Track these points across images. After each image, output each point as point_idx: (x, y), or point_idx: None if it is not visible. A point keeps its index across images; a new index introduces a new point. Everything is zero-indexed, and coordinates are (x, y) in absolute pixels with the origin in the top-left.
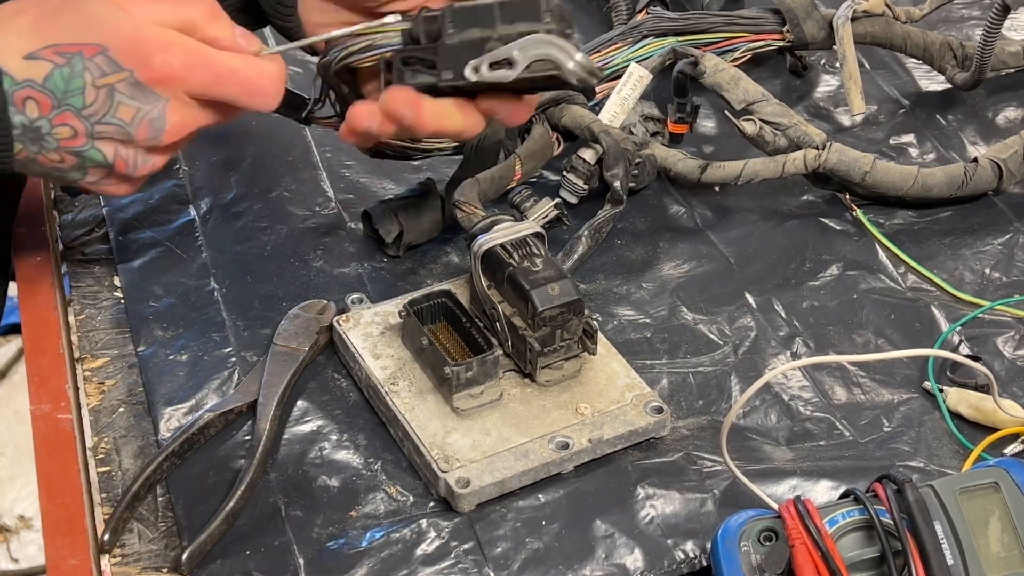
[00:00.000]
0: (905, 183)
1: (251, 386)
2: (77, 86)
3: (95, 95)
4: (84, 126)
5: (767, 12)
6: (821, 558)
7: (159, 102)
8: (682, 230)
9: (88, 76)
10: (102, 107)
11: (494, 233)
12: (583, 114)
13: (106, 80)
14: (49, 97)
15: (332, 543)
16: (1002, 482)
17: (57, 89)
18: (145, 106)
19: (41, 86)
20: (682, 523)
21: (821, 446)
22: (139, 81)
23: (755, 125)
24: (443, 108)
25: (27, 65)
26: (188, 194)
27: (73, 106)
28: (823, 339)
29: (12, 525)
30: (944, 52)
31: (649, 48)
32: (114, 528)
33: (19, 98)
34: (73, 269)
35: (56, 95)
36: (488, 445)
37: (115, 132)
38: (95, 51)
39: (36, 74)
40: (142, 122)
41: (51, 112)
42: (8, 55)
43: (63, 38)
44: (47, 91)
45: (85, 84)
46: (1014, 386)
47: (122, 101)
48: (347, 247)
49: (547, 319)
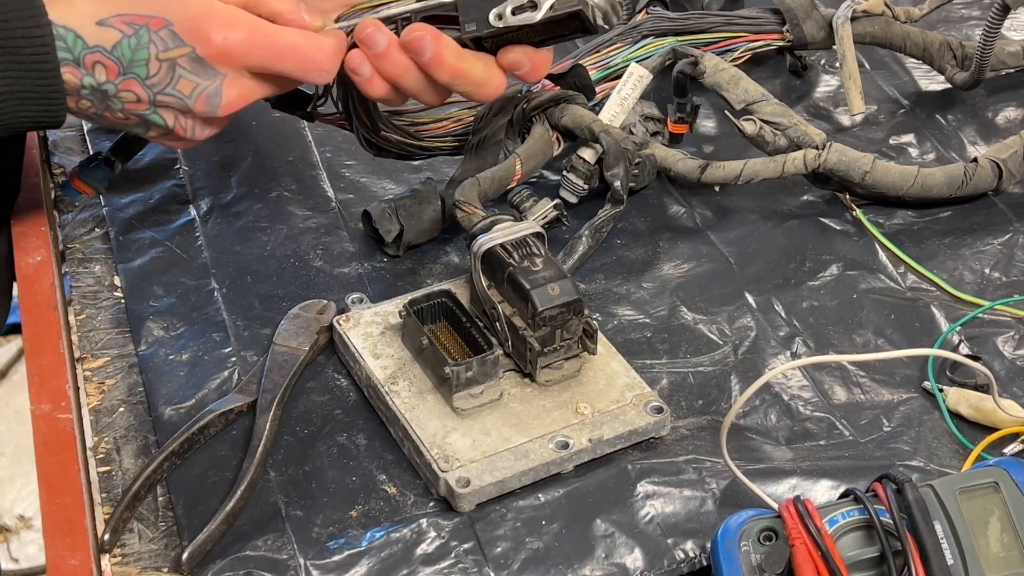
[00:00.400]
0: (905, 183)
1: (251, 386)
2: (142, 57)
3: (158, 67)
4: (147, 94)
5: (767, 12)
6: (821, 558)
7: (217, 77)
8: (682, 230)
9: (153, 49)
10: (164, 79)
11: (494, 233)
12: (583, 114)
13: (169, 54)
14: (116, 64)
15: (332, 543)
16: (1002, 482)
17: (124, 58)
18: (204, 81)
19: (109, 53)
20: (682, 523)
21: (821, 446)
22: (200, 57)
23: (755, 125)
24: (464, 52)
25: (98, 31)
26: (188, 194)
27: (137, 75)
28: (823, 339)
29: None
30: (944, 52)
31: (649, 48)
32: (114, 528)
33: (89, 61)
34: (73, 269)
35: (122, 63)
36: (488, 445)
37: (175, 103)
38: (160, 24)
39: (105, 40)
40: (200, 96)
41: (117, 78)
42: (81, 18)
43: (132, 7)
44: (114, 58)
45: (149, 56)
46: (1014, 386)
47: (183, 75)
48: (347, 247)
49: (547, 319)
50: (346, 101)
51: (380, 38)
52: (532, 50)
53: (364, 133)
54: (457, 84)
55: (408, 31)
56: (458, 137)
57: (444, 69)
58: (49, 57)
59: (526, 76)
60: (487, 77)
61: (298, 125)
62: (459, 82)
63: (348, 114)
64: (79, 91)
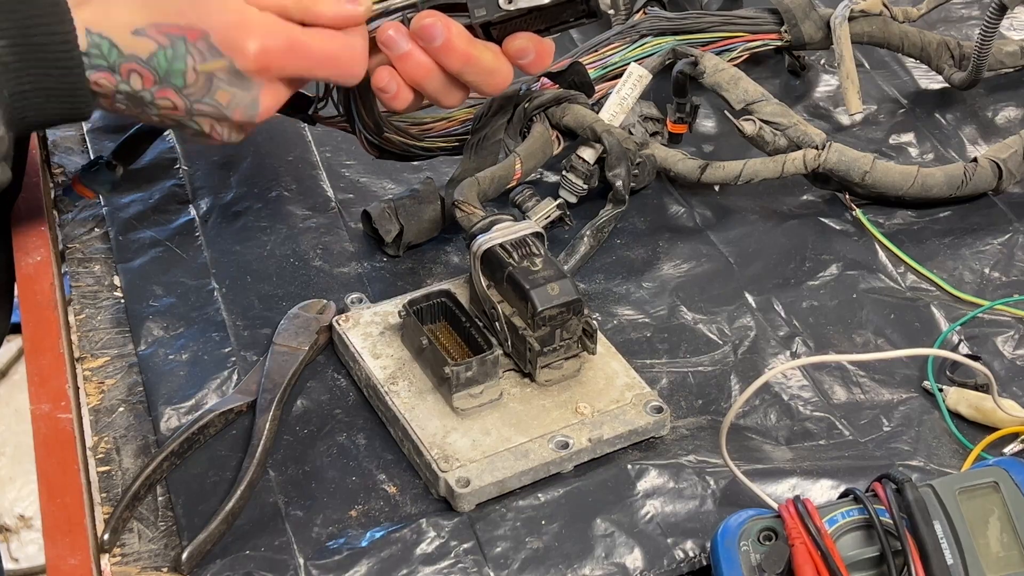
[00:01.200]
0: (905, 183)
1: (251, 386)
2: (179, 68)
3: (195, 78)
4: (184, 103)
5: (765, 12)
6: (821, 557)
7: (254, 88)
8: (682, 230)
9: (190, 60)
10: (201, 89)
11: (493, 233)
12: (585, 113)
13: (206, 67)
14: (152, 74)
15: (332, 542)
16: (1002, 482)
17: (160, 68)
18: (241, 92)
19: (145, 62)
20: (682, 522)
21: (821, 446)
22: (237, 70)
23: (755, 125)
24: (474, 39)
25: (133, 40)
26: (188, 194)
27: (174, 84)
28: (823, 339)
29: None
30: (941, 52)
31: (647, 48)
32: (114, 528)
33: (124, 70)
34: (73, 269)
35: (158, 73)
36: (488, 445)
37: (212, 112)
38: (197, 35)
39: (141, 50)
40: (237, 107)
41: (153, 86)
42: (116, 27)
43: (168, 17)
44: (150, 68)
45: (186, 67)
46: (1013, 385)
47: (220, 86)
48: (347, 247)
49: (547, 319)
50: (347, 103)
51: (402, 41)
52: (537, 38)
53: (366, 135)
54: (468, 72)
55: (418, 19)
56: (459, 137)
57: (455, 56)
58: (73, 54)
59: (530, 66)
60: (496, 65)
61: (298, 125)
62: (470, 70)
63: (350, 116)
64: (114, 95)
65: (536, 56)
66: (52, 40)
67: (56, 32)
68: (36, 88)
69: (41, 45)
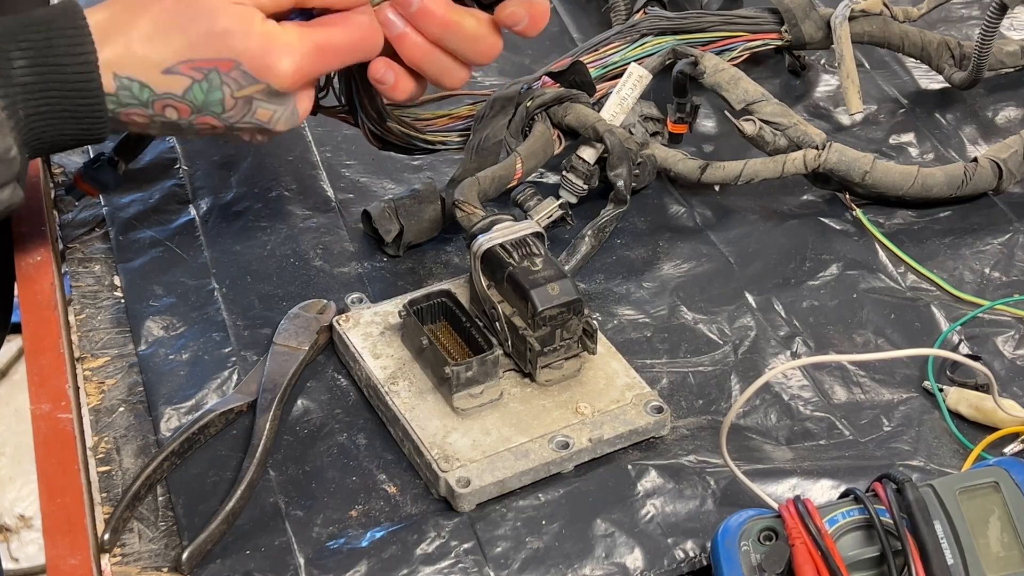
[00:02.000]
0: (905, 183)
1: (251, 386)
2: (216, 98)
3: (233, 104)
4: (224, 125)
5: (765, 12)
6: (821, 557)
7: (291, 100)
8: (682, 230)
9: (226, 89)
10: (240, 112)
11: (494, 233)
12: (587, 113)
13: (244, 92)
14: (189, 106)
15: (332, 542)
16: (1002, 482)
17: (196, 100)
18: (280, 107)
19: (180, 98)
20: (682, 522)
21: (821, 445)
22: (274, 89)
23: (755, 125)
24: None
25: (165, 79)
26: (188, 194)
27: (213, 112)
28: (823, 339)
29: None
30: (942, 51)
31: (647, 47)
32: (114, 528)
33: (159, 106)
34: (73, 269)
35: (195, 105)
36: (488, 445)
37: (254, 129)
38: (230, 66)
39: (175, 88)
40: (280, 120)
41: (191, 116)
42: (145, 68)
43: (195, 52)
44: (186, 101)
45: (224, 96)
46: (1014, 385)
47: (259, 106)
48: (347, 247)
49: (547, 319)
50: (349, 93)
51: (398, 20)
52: (529, 1)
53: (369, 125)
54: (449, 39)
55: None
56: (460, 133)
57: (433, 21)
58: (93, 76)
59: (526, 30)
60: (479, 31)
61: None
62: (450, 36)
63: (352, 106)
64: (149, 127)
65: (530, 20)
66: (72, 63)
67: (77, 55)
68: (53, 110)
69: (61, 67)
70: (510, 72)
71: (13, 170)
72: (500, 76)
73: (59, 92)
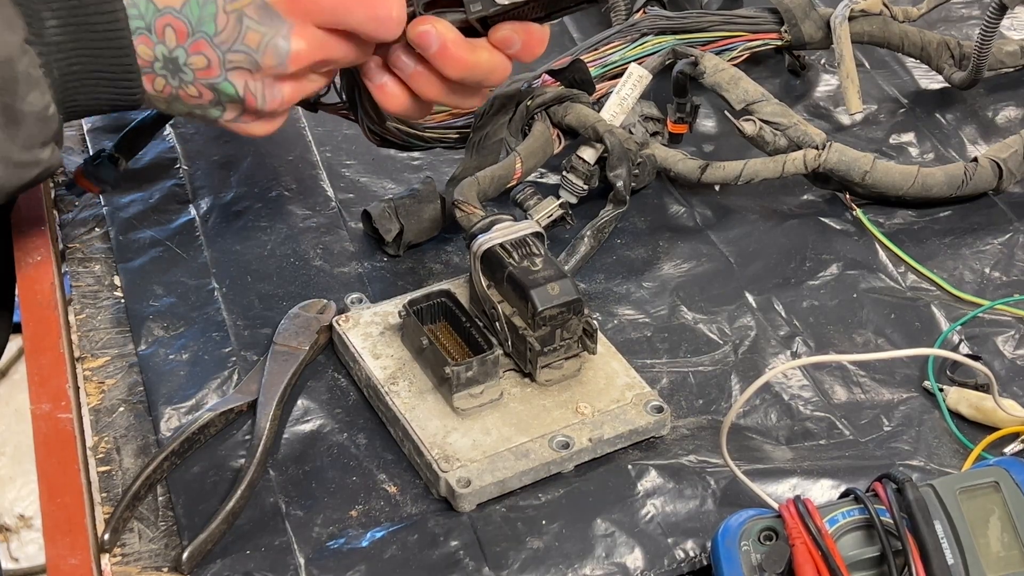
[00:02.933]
0: (905, 183)
1: (251, 385)
2: (210, 12)
3: (225, 21)
4: (217, 55)
5: (765, 11)
6: (821, 557)
7: (283, 26)
8: (682, 230)
9: (220, 1)
10: (232, 34)
11: (493, 233)
12: (587, 113)
13: (236, 4)
14: (185, 24)
15: (332, 542)
16: (1002, 481)
17: (192, 15)
18: (270, 31)
19: (179, 12)
20: (682, 522)
21: (821, 445)
22: (266, 3)
23: (755, 125)
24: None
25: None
26: (188, 193)
27: (206, 32)
28: (823, 338)
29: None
30: (941, 51)
31: (647, 47)
32: (114, 527)
33: (159, 25)
34: (73, 268)
35: (191, 21)
36: (488, 445)
37: (244, 60)
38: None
39: (174, 1)
40: (268, 48)
41: (187, 40)
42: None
43: None
44: (184, 17)
45: (217, 9)
46: (1014, 385)
47: (249, 27)
48: (347, 246)
49: (547, 318)
50: (351, 91)
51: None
52: (523, 26)
53: (368, 124)
54: (469, 78)
55: (412, 26)
56: (459, 129)
57: (452, 63)
58: (123, 33)
59: (520, 55)
60: (494, 62)
61: (298, 125)
62: (470, 75)
63: (352, 103)
64: (152, 64)
65: (524, 45)
66: (102, 20)
67: (105, 12)
68: (86, 70)
69: (91, 25)
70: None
71: (52, 128)
72: None
73: (90, 50)
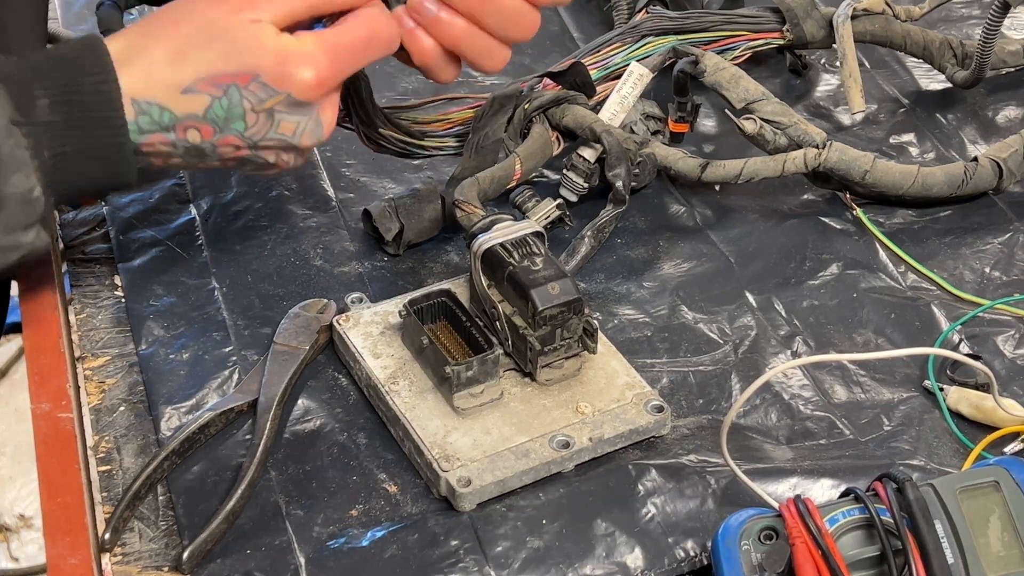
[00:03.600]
0: (905, 182)
1: (251, 385)
2: (237, 114)
3: (255, 119)
4: (247, 144)
5: (767, 11)
6: (821, 557)
7: (314, 109)
8: (682, 229)
9: (247, 104)
10: (264, 127)
11: (494, 232)
12: (585, 114)
13: (265, 105)
14: (211, 126)
15: (333, 542)
16: (1002, 481)
17: (218, 119)
18: (303, 118)
19: (202, 118)
20: (683, 522)
21: (821, 445)
22: (296, 100)
23: (755, 124)
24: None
25: (185, 100)
26: (188, 193)
27: (236, 130)
28: (823, 338)
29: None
30: (944, 51)
31: (649, 47)
32: (115, 527)
33: (180, 129)
34: (74, 268)
35: (218, 124)
36: (489, 444)
37: (278, 144)
38: (248, 79)
39: (195, 108)
40: (304, 133)
41: (214, 136)
42: (164, 90)
43: (213, 68)
44: (208, 121)
45: (245, 111)
46: (1014, 385)
47: (282, 119)
48: (347, 246)
49: (547, 318)
50: (346, 98)
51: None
52: None
53: (364, 130)
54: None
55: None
56: (459, 138)
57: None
58: (117, 115)
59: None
60: (517, 5)
61: None
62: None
63: (348, 111)
64: (171, 155)
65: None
66: (96, 100)
67: (101, 92)
68: (77, 150)
69: (84, 104)
70: (510, 72)
71: (37, 211)
72: (500, 76)
73: (83, 130)
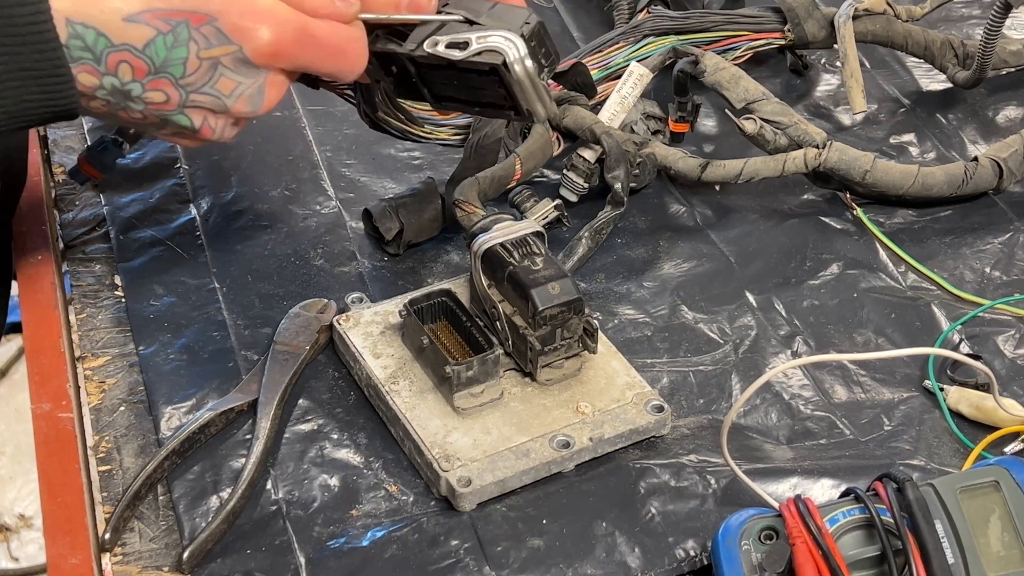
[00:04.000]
0: (905, 182)
1: (252, 385)
2: (179, 56)
3: (197, 65)
4: (179, 95)
5: (768, 11)
6: (822, 557)
7: (260, 76)
8: (682, 229)
9: (193, 47)
10: (202, 78)
11: (494, 232)
12: (585, 115)
13: (212, 53)
14: (146, 63)
15: (333, 542)
16: (1002, 481)
17: (156, 57)
18: (246, 80)
19: (140, 52)
20: (683, 521)
21: (821, 445)
22: (246, 57)
23: (755, 124)
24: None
25: (125, 28)
26: (189, 193)
27: (171, 74)
28: (823, 338)
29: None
30: (945, 51)
31: (650, 47)
32: (115, 527)
33: (112, 60)
34: (74, 268)
35: (154, 62)
36: (489, 444)
37: (210, 103)
38: (203, 20)
39: (135, 38)
40: (241, 96)
41: (146, 77)
42: (106, 14)
43: (168, 2)
44: (145, 57)
45: (188, 54)
46: (1014, 385)
47: (224, 74)
48: (347, 246)
49: (547, 318)
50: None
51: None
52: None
53: (364, 108)
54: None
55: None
56: (458, 127)
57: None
58: (46, 28)
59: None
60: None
61: (298, 125)
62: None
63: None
64: (95, 91)
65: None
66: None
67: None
68: (10, 69)
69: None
70: None
71: None
72: None
73: (11, 47)
